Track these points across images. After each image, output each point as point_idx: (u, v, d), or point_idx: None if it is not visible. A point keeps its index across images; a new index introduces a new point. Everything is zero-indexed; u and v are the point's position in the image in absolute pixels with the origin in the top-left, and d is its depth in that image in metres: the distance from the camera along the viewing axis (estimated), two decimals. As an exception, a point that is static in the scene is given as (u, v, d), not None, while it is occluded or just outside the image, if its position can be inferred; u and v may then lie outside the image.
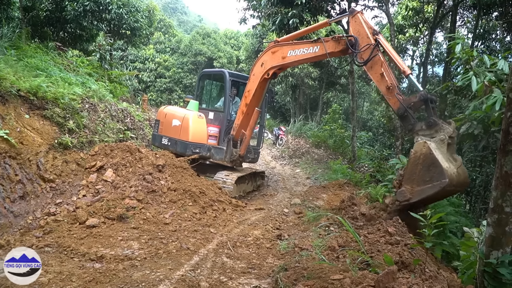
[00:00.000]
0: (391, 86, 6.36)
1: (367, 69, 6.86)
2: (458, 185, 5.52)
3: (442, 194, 5.68)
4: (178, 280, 4.21)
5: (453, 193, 6.23)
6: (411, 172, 5.70)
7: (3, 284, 3.72)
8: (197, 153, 9.41)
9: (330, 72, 26.50)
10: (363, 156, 15.67)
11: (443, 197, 6.12)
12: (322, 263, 4.40)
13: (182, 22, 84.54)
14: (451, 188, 5.46)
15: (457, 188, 5.71)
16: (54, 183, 6.81)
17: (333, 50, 7.49)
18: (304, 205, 8.40)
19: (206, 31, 39.69)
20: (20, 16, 15.64)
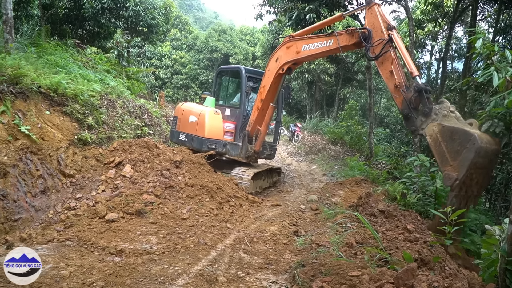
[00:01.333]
0: (399, 84, 6.26)
1: (378, 64, 6.77)
2: (490, 142, 5.01)
3: (484, 156, 4.97)
4: (196, 275, 4.24)
5: (495, 153, 5.17)
6: (440, 154, 5.32)
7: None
8: (213, 149, 9.46)
9: (346, 68, 26.27)
10: (380, 153, 15.52)
11: (489, 160, 5.13)
12: (340, 259, 4.38)
13: (198, 19, 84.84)
14: (487, 145, 4.92)
15: (493, 145, 5.05)
16: (74, 178, 6.93)
17: (346, 44, 7.40)
18: (321, 202, 8.36)
19: (222, 27, 39.73)
20: (40, 14, 15.91)
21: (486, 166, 5.09)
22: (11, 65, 7.13)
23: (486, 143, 4.92)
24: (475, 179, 5.09)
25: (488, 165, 5.11)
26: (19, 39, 11.55)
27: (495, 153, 5.07)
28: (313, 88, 29.18)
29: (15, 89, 6.89)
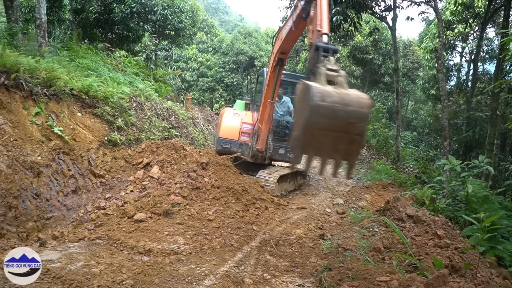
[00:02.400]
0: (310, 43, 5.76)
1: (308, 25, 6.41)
2: (345, 100, 3.94)
3: (328, 116, 3.94)
4: (222, 276, 4.27)
5: (353, 115, 4.00)
6: (296, 115, 4.77)
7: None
8: (228, 149, 9.64)
9: (373, 70, 26.00)
10: (407, 157, 15.27)
11: (342, 123, 3.98)
12: (367, 264, 4.33)
13: (224, 22, 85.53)
14: (333, 104, 3.92)
15: (348, 106, 3.96)
16: (104, 179, 7.09)
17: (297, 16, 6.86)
18: (347, 205, 8.29)
19: (248, 30, 39.91)
20: (71, 19, 16.38)
21: (336, 129, 4.04)
22: (45, 68, 7.35)
23: (332, 102, 3.96)
24: (324, 142, 4.12)
25: (341, 128, 4.03)
26: (52, 43, 11.91)
27: (353, 114, 3.99)
28: (339, 91, 28.93)
29: (49, 92, 7.10)
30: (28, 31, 12.31)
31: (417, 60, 26.43)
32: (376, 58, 24.97)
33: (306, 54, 25.91)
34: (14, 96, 6.49)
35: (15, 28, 11.13)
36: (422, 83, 20.20)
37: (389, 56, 24.33)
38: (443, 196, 8.41)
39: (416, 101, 32.53)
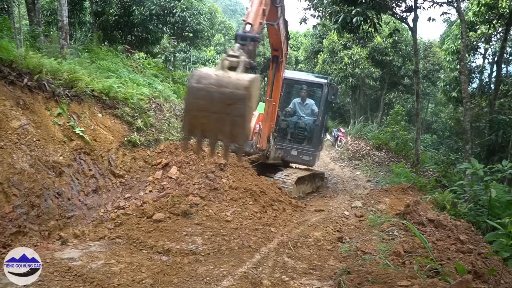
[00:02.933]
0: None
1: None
2: (215, 84, 3.89)
3: (205, 98, 3.95)
4: (240, 277, 4.27)
5: (229, 97, 3.98)
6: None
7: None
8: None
9: (392, 72, 25.71)
10: (427, 160, 15.04)
11: (220, 104, 3.97)
12: (387, 268, 4.27)
13: (242, 24, 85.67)
14: (209, 86, 3.92)
15: (224, 87, 3.93)
16: (123, 179, 7.17)
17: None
18: (366, 209, 8.19)
19: (265, 32, 39.91)
20: (92, 21, 16.66)
21: (215, 110, 4.04)
22: (67, 70, 7.48)
23: (208, 84, 3.97)
24: (208, 124, 4.08)
25: (220, 109, 4.01)
26: (73, 45, 12.14)
27: (229, 96, 3.96)
28: (357, 93, 28.72)
29: (71, 93, 7.22)
30: (50, 33, 12.56)
31: (438, 62, 26.02)
32: (396, 60, 24.67)
33: (324, 56, 25.83)
34: (37, 97, 6.62)
35: (38, 30, 11.38)
36: (443, 85, 19.83)
37: (409, 57, 24.02)
38: (465, 201, 8.24)
39: (436, 104, 32.04)
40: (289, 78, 11.42)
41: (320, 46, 28.28)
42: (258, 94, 4.43)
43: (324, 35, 26.79)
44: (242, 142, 4.09)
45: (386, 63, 24.90)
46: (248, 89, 3.96)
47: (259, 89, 4.43)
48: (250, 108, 4.15)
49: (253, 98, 4.23)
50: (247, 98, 3.97)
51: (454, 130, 19.27)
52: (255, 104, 4.37)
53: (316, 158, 10.29)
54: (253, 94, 4.18)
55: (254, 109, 4.34)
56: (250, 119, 4.24)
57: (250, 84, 4.00)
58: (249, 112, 4.14)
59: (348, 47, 24.68)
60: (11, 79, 6.17)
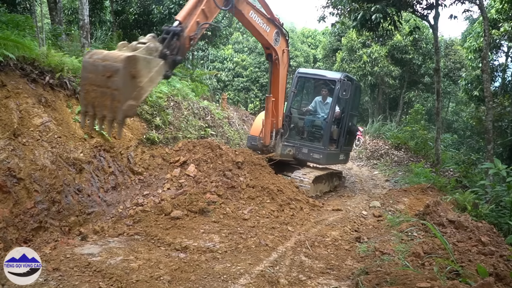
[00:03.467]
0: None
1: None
2: (101, 58, 4.27)
3: (93, 71, 4.25)
4: (257, 275, 4.27)
5: (109, 70, 4.20)
6: None
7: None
8: (255, 145, 9.77)
9: (412, 70, 25.33)
10: (447, 160, 14.76)
11: (103, 77, 4.23)
12: (406, 269, 4.20)
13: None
14: (96, 60, 4.24)
15: (108, 61, 4.22)
16: (142, 176, 7.25)
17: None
18: (384, 208, 8.09)
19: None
20: (112, 20, 16.89)
21: (99, 83, 4.25)
22: (88, 68, 7.59)
23: (95, 58, 4.25)
24: (95, 98, 4.32)
25: (102, 82, 4.21)
26: (94, 43, 12.33)
27: (108, 68, 4.14)
28: (375, 91, 28.40)
29: (91, 91, 7.33)
30: (71, 32, 12.78)
31: (459, 60, 25.52)
32: (416, 58, 24.31)
33: (343, 54, 25.61)
34: (59, 94, 6.75)
35: (59, 29, 11.59)
36: (464, 84, 19.46)
37: (430, 56, 23.62)
38: (487, 202, 8.06)
39: (457, 103, 31.47)
40: (303, 74, 11.39)
41: (338, 44, 28.07)
42: (154, 76, 4.63)
43: (343, 33, 26.57)
44: (120, 117, 4.25)
45: (406, 61, 24.55)
46: (126, 63, 4.12)
47: (156, 71, 4.64)
48: (132, 84, 4.29)
49: (141, 77, 4.38)
50: (122, 71, 4.09)
51: (476, 130, 18.86)
52: (147, 85, 4.52)
53: (326, 157, 9.93)
54: (139, 73, 4.33)
55: (147, 91, 4.54)
56: (132, 95, 4.29)
57: (128, 59, 4.16)
58: (129, 87, 4.27)
59: (367, 45, 24.43)
60: (33, 77, 6.30)
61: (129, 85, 4.24)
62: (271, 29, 7.88)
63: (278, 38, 8.20)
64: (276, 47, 8.21)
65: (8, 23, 7.80)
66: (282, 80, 8.87)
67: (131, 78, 4.24)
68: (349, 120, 10.48)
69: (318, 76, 11.75)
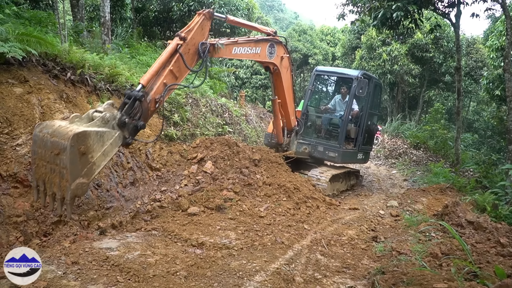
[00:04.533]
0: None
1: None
2: (50, 133, 4.12)
3: (43, 147, 4.17)
4: (273, 273, 4.27)
5: (53, 145, 4.10)
6: None
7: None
8: (272, 143, 9.83)
9: (433, 69, 24.92)
10: (467, 160, 14.49)
11: (53, 156, 4.11)
12: (423, 269, 4.16)
13: (278, 20, 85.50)
14: (47, 136, 4.12)
15: (58, 138, 4.08)
16: (160, 172, 7.34)
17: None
18: (402, 208, 8.01)
19: (302, 28, 39.58)
20: (132, 17, 17.08)
21: (48, 159, 4.15)
22: (108, 65, 7.72)
23: (45, 133, 4.14)
24: (45, 174, 4.23)
25: (51, 159, 4.12)
26: (114, 40, 12.49)
27: (56, 145, 4.04)
28: (395, 90, 28.05)
29: (111, 87, 7.46)
30: (92, 29, 12.97)
31: (481, 59, 25.00)
32: (437, 57, 23.91)
33: (362, 52, 25.36)
34: (79, 90, 6.87)
35: (81, 26, 11.78)
36: (486, 83, 19.04)
37: (451, 54, 23.20)
38: (507, 203, 7.90)
39: (478, 102, 30.87)
40: (321, 72, 11.36)
41: (358, 42, 27.84)
42: (108, 149, 4.44)
43: (362, 31, 26.33)
44: (68, 197, 4.05)
45: (427, 60, 24.17)
46: (73, 141, 3.96)
47: (110, 144, 4.45)
48: (82, 161, 4.12)
49: (93, 152, 4.23)
50: (69, 149, 3.95)
51: (497, 130, 18.49)
52: (100, 160, 4.35)
53: (342, 155, 9.84)
54: (90, 148, 4.18)
55: (100, 166, 4.36)
56: (82, 173, 4.12)
57: (76, 136, 4.00)
58: (79, 165, 4.10)
59: (387, 43, 24.14)
60: (55, 73, 6.44)
61: (78, 162, 4.09)
62: (262, 48, 7.61)
63: (273, 49, 7.89)
64: (272, 60, 7.95)
65: (31, 20, 7.98)
66: (287, 82, 8.72)
67: (80, 155, 4.10)
68: (368, 119, 10.35)
69: (335, 73, 11.71)
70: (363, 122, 10.16)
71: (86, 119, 4.51)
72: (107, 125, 4.49)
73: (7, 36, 5.67)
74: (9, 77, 5.70)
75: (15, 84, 5.69)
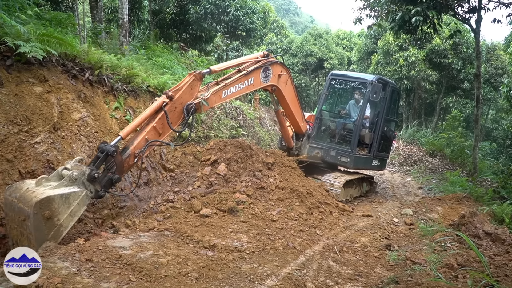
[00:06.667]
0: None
1: None
2: (18, 198, 4.30)
3: (11, 210, 4.40)
4: (284, 278, 4.24)
5: (19, 211, 4.29)
6: None
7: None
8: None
9: (451, 75, 24.55)
10: (485, 169, 14.24)
11: (16, 216, 4.37)
12: (438, 280, 4.08)
13: (294, 23, 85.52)
14: (13, 200, 4.33)
15: (15, 200, 4.32)
16: (173, 173, 7.37)
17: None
18: (416, 217, 7.89)
19: (318, 32, 39.50)
20: (149, 19, 17.25)
21: (17, 223, 4.33)
22: (125, 66, 7.79)
23: (13, 197, 4.31)
24: (17, 236, 4.40)
25: (19, 223, 4.30)
26: (132, 42, 12.62)
27: (21, 211, 4.20)
28: (411, 96, 27.74)
29: (128, 88, 7.53)
30: (110, 30, 13.12)
31: (501, 66, 24.56)
32: (455, 63, 23.55)
33: (378, 57, 25.16)
34: (97, 91, 6.95)
35: (99, 27, 11.93)
36: (506, 91, 18.69)
37: (470, 60, 22.83)
38: (526, 214, 7.73)
39: (497, 110, 30.31)
40: (336, 76, 11.30)
41: (374, 47, 27.61)
42: (75, 210, 4.48)
43: (379, 35, 26.12)
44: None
45: (445, 66, 23.84)
46: (36, 208, 4.03)
47: (77, 204, 4.48)
48: (48, 226, 4.18)
49: (58, 215, 4.28)
50: (32, 217, 4.02)
51: (517, 139, 18.15)
52: (68, 221, 4.41)
53: (354, 161, 9.74)
54: (55, 212, 4.23)
55: (67, 227, 4.43)
56: (49, 236, 4.20)
57: (39, 203, 4.07)
58: (44, 229, 4.16)
59: (404, 49, 23.90)
60: (74, 73, 6.52)
61: (43, 228, 4.18)
62: (255, 77, 7.45)
63: (268, 72, 7.71)
64: (268, 83, 7.83)
65: (51, 21, 8.10)
66: (290, 95, 8.63)
67: (45, 220, 4.19)
68: (384, 125, 10.23)
69: (350, 78, 11.63)
70: (379, 128, 10.04)
71: (55, 177, 4.62)
72: (75, 183, 4.58)
73: (28, 37, 5.76)
74: (30, 76, 5.79)
75: (35, 83, 5.78)
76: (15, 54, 5.51)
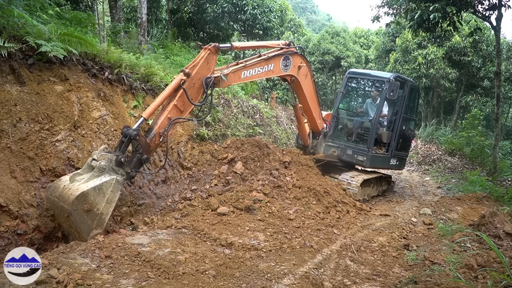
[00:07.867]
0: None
1: None
2: (57, 197, 4.66)
3: (54, 207, 4.86)
4: (301, 276, 4.25)
5: (61, 210, 4.67)
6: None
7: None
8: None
9: (471, 73, 24.09)
10: (506, 169, 13.92)
11: (60, 213, 4.79)
12: (458, 281, 4.03)
13: (311, 21, 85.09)
14: (54, 198, 4.70)
15: (61, 202, 4.61)
16: (191, 171, 7.43)
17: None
18: (435, 216, 7.77)
19: (335, 30, 39.20)
20: (167, 18, 17.40)
21: (62, 218, 4.79)
22: (144, 65, 7.88)
23: (54, 196, 4.69)
24: (69, 228, 4.84)
25: (64, 218, 4.71)
26: (150, 41, 12.75)
27: (63, 209, 4.56)
28: (430, 94, 27.34)
29: (146, 86, 7.61)
30: (129, 29, 13.29)
31: (523, 64, 24.01)
32: (475, 61, 23.09)
33: (396, 55, 24.86)
34: (116, 89, 7.05)
35: (118, 26, 12.09)
36: (527, 89, 18.32)
37: (490, 58, 22.36)
38: (548, 215, 7.55)
39: (518, 109, 29.67)
40: (353, 74, 11.21)
41: (392, 45, 27.27)
42: (111, 196, 4.83)
43: (397, 33, 25.78)
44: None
45: (464, 64, 23.40)
46: (74, 205, 4.43)
47: (111, 191, 4.82)
48: (90, 217, 4.61)
49: (97, 205, 4.66)
50: (74, 213, 4.45)
51: (539, 138, 17.72)
52: (107, 208, 4.81)
53: (370, 159, 9.62)
54: (93, 204, 4.61)
55: (108, 214, 4.84)
56: (94, 225, 4.66)
57: (76, 200, 4.45)
58: (88, 220, 4.61)
59: (423, 46, 23.55)
60: (94, 72, 6.63)
61: (86, 220, 4.60)
62: (275, 63, 7.42)
63: (288, 61, 7.69)
64: (288, 72, 7.79)
65: (71, 20, 8.24)
66: (308, 89, 8.60)
67: (86, 213, 4.57)
68: (403, 124, 10.09)
69: (367, 76, 11.50)
70: (397, 127, 9.91)
71: (86, 170, 4.92)
72: (105, 172, 4.85)
73: (49, 36, 5.87)
74: (51, 75, 5.91)
75: (56, 82, 5.90)
76: (36, 53, 5.63)
